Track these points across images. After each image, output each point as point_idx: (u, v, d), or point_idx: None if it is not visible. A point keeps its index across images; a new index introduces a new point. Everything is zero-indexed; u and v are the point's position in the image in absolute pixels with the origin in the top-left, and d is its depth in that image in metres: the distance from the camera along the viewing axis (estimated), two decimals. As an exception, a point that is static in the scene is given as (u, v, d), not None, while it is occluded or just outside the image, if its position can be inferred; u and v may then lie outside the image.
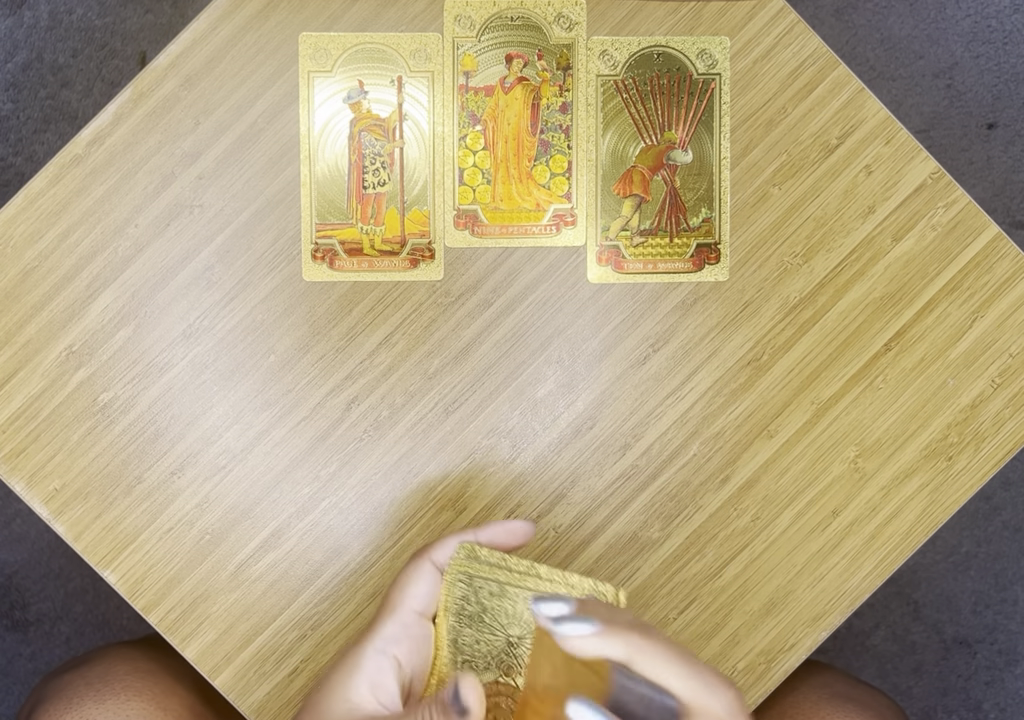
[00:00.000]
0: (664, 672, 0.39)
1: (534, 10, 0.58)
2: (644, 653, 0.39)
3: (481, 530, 0.48)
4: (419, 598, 0.47)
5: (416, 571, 0.47)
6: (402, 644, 0.46)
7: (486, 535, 0.48)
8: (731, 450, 0.59)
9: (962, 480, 0.59)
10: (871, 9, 1.16)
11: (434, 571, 0.47)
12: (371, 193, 0.58)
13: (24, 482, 0.57)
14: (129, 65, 1.13)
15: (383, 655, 0.45)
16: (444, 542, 0.48)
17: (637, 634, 0.39)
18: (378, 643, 0.46)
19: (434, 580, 0.47)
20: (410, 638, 0.46)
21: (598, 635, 0.39)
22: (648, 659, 0.39)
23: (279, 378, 0.58)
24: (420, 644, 0.46)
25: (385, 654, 0.45)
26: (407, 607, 0.46)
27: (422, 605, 0.47)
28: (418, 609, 0.47)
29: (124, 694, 0.57)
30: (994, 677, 1.19)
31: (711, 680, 0.39)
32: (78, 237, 0.57)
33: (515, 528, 0.48)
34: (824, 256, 0.59)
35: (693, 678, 0.39)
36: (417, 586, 0.47)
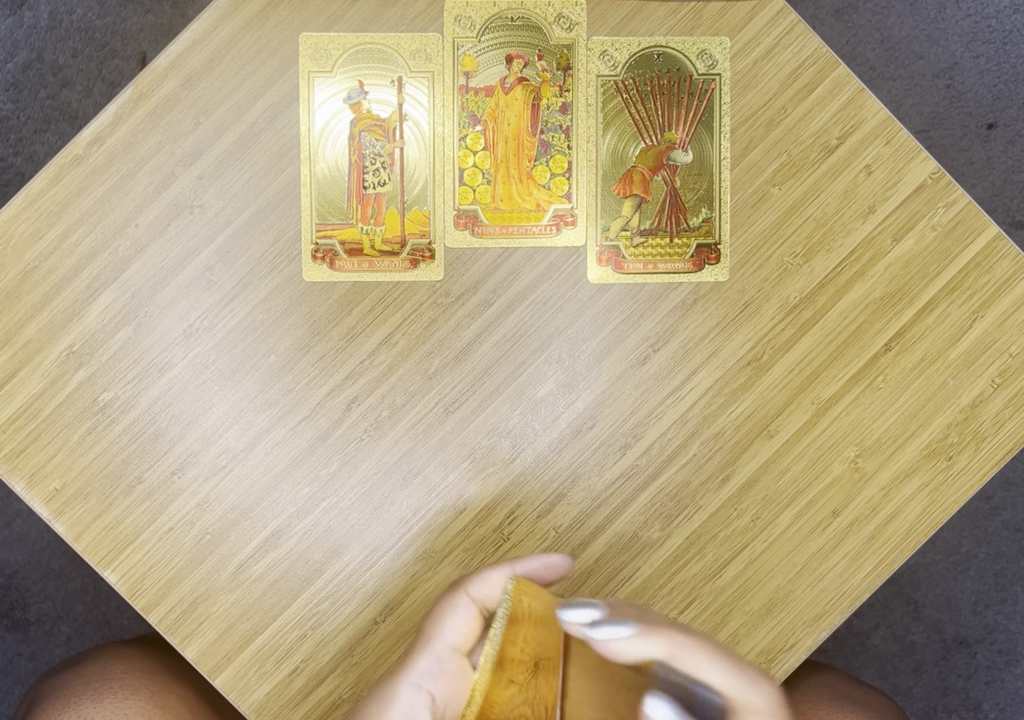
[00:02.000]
0: (708, 668, 0.38)
1: (534, 10, 0.58)
2: (687, 650, 0.38)
3: (519, 563, 0.46)
4: (455, 632, 0.45)
5: (452, 604, 0.45)
6: (437, 679, 0.45)
7: (523, 569, 0.46)
8: (731, 450, 0.59)
9: (962, 480, 0.59)
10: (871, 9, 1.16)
11: (470, 605, 0.46)
12: (371, 193, 0.58)
13: (24, 482, 0.57)
14: (129, 65, 1.13)
15: (418, 689, 0.44)
16: (482, 575, 0.46)
17: (677, 631, 0.39)
18: (412, 676, 0.45)
19: (470, 614, 0.45)
20: (445, 673, 0.45)
21: (639, 635, 0.38)
22: (691, 656, 0.38)
23: (279, 378, 0.58)
24: (455, 679, 0.45)
25: (420, 688, 0.44)
26: (443, 641, 0.45)
27: (458, 640, 0.45)
28: (453, 644, 0.45)
29: (122, 693, 0.57)
30: (994, 677, 1.19)
31: (754, 676, 0.39)
32: (78, 237, 0.57)
33: (553, 563, 0.46)
34: (824, 256, 0.59)
35: (737, 674, 0.38)
36: (454, 619, 0.45)
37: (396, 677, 0.45)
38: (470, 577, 0.46)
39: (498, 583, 0.46)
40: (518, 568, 0.46)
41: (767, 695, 0.39)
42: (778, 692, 0.39)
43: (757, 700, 0.38)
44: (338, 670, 0.58)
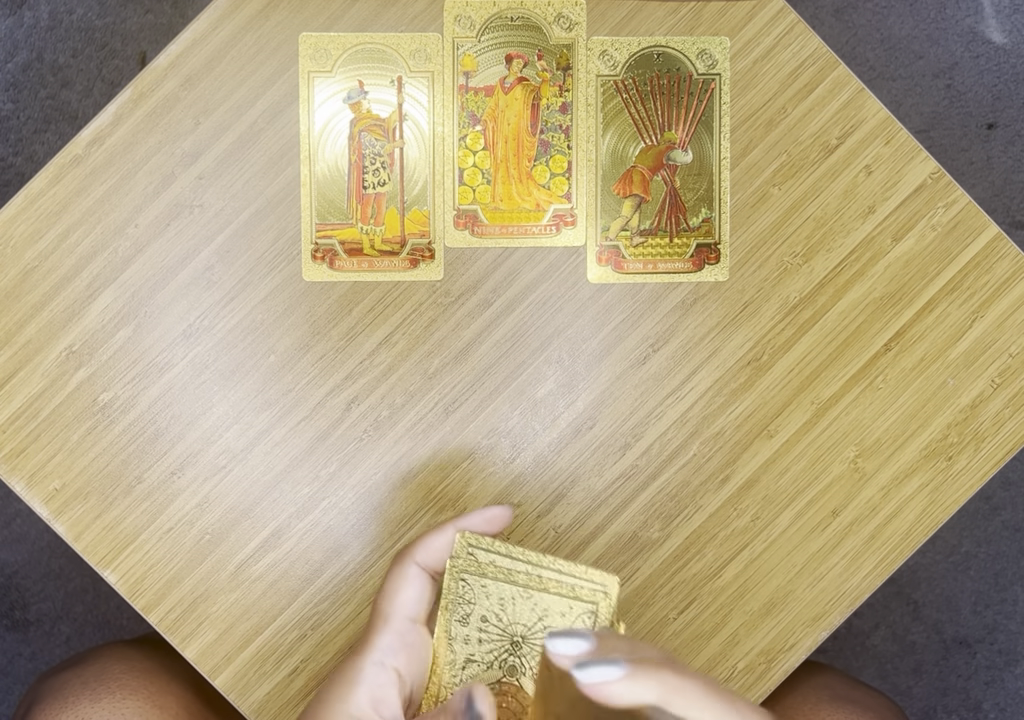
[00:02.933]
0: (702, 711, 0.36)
1: (534, 10, 0.58)
2: (679, 693, 0.36)
3: (461, 520, 0.45)
4: (410, 604, 0.45)
5: (402, 576, 0.45)
6: (400, 655, 0.44)
7: (465, 525, 0.45)
8: (731, 450, 0.59)
9: (962, 480, 0.59)
10: (871, 9, 1.16)
11: (421, 574, 0.45)
12: (371, 193, 0.58)
13: (24, 482, 0.57)
14: (129, 65, 1.13)
15: (382, 668, 0.44)
16: (425, 542, 0.45)
17: (669, 671, 0.36)
18: (375, 655, 0.44)
19: (422, 583, 0.45)
20: (407, 647, 0.44)
21: (629, 678, 0.36)
22: (684, 699, 0.36)
23: (279, 378, 0.58)
24: (418, 651, 0.45)
25: (384, 667, 0.44)
26: (400, 615, 0.45)
27: (414, 611, 0.45)
28: (411, 616, 0.45)
29: (120, 693, 0.57)
30: (994, 677, 1.19)
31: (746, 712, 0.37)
32: (78, 237, 0.57)
33: (493, 515, 0.45)
34: (824, 256, 0.59)
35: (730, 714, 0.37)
36: (406, 592, 0.45)
37: (358, 657, 0.44)
38: (414, 545, 0.45)
39: (443, 546, 0.45)
40: (460, 526, 0.45)
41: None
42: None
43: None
44: (338, 670, 0.58)
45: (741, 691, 0.59)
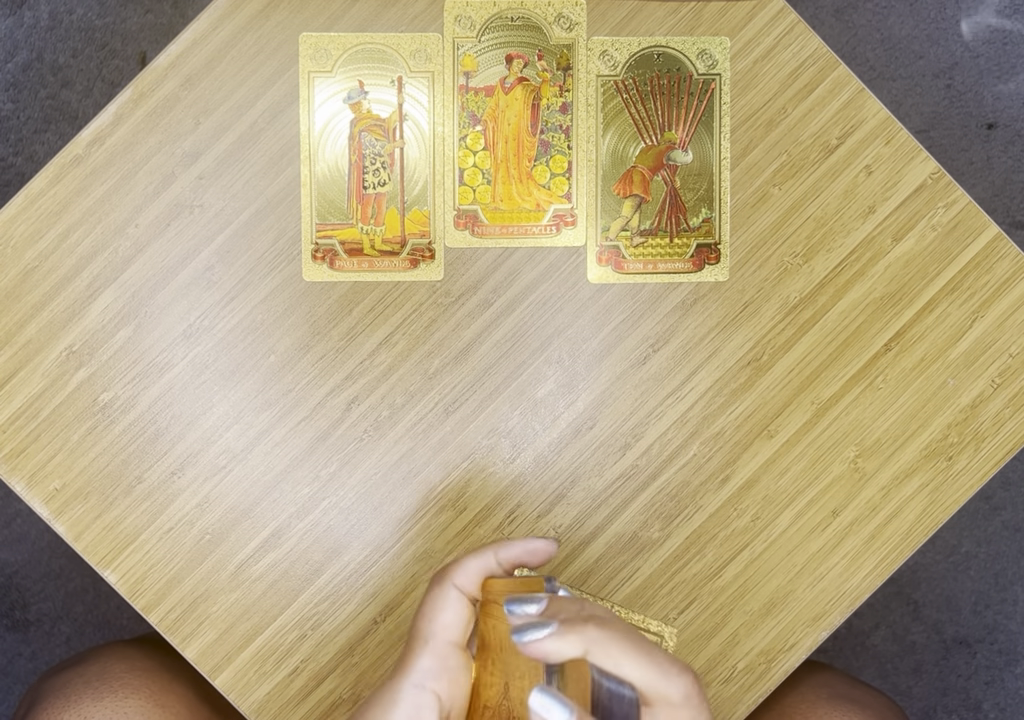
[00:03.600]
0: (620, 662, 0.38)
1: (534, 10, 0.58)
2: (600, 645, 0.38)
3: (502, 549, 0.45)
4: (451, 628, 0.45)
5: (442, 599, 0.45)
6: (440, 678, 0.44)
7: (506, 555, 0.45)
8: (731, 450, 0.59)
9: (962, 480, 0.59)
10: (871, 9, 1.16)
11: (461, 597, 0.45)
12: (371, 193, 0.58)
13: (24, 482, 0.57)
14: (129, 65, 1.13)
15: (421, 690, 0.44)
16: (464, 566, 0.45)
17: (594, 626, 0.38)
18: (415, 678, 0.44)
19: (462, 606, 0.45)
20: (447, 671, 0.44)
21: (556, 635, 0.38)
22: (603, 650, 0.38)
23: (279, 378, 0.58)
24: (457, 675, 0.44)
25: (423, 689, 0.44)
26: (440, 638, 0.44)
27: (455, 635, 0.45)
28: (451, 639, 0.45)
29: (122, 692, 0.57)
30: (994, 677, 1.19)
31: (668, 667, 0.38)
32: (78, 237, 0.57)
33: (537, 548, 0.45)
34: (824, 256, 0.59)
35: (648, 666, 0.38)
36: (445, 614, 0.45)
37: (398, 679, 0.44)
38: (453, 569, 0.45)
39: (482, 572, 0.45)
40: (501, 555, 0.45)
41: (681, 686, 0.38)
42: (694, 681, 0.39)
43: (671, 690, 0.38)
44: (338, 670, 0.58)
45: (741, 691, 0.59)
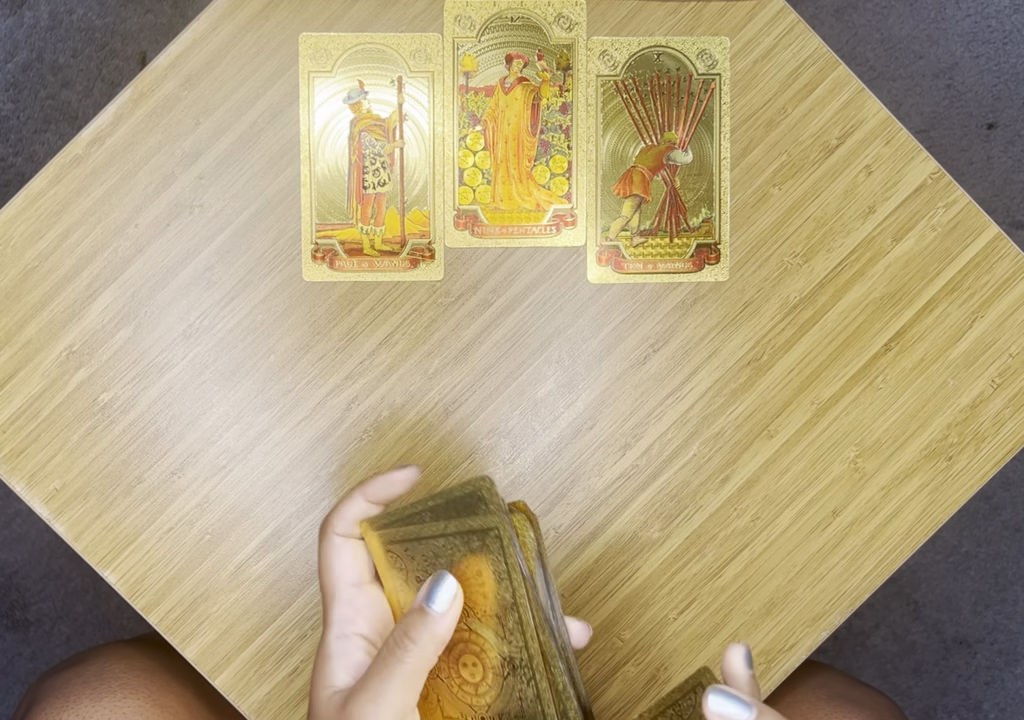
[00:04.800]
0: None
1: (534, 10, 0.58)
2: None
3: (367, 488, 0.47)
4: (348, 572, 0.48)
5: (331, 550, 0.48)
6: (356, 621, 0.47)
7: (372, 492, 0.48)
8: (731, 450, 0.59)
9: (962, 480, 0.59)
10: (871, 9, 1.16)
11: (346, 542, 0.48)
12: (371, 193, 0.58)
13: (24, 482, 0.57)
14: (129, 65, 1.13)
15: (344, 638, 0.47)
16: (340, 513, 0.48)
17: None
18: (335, 630, 0.47)
19: (351, 549, 0.48)
20: (360, 611, 0.47)
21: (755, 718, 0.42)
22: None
23: (279, 378, 0.58)
24: (374, 610, 0.48)
25: (346, 636, 0.47)
26: (342, 585, 0.47)
27: (354, 577, 0.48)
28: (352, 582, 0.48)
29: (121, 692, 0.57)
30: (994, 677, 1.19)
31: None
32: (78, 237, 0.57)
33: (395, 479, 0.47)
34: (824, 256, 0.59)
35: None
36: (339, 563, 0.48)
37: (324, 636, 0.47)
38: (331, 519, 0.48)
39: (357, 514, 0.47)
40: (368, 493, 0.47)
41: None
42: None
43: None
44: (338, 670, 0.58)
45: (741, 691, 0.59)
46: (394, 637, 0.44)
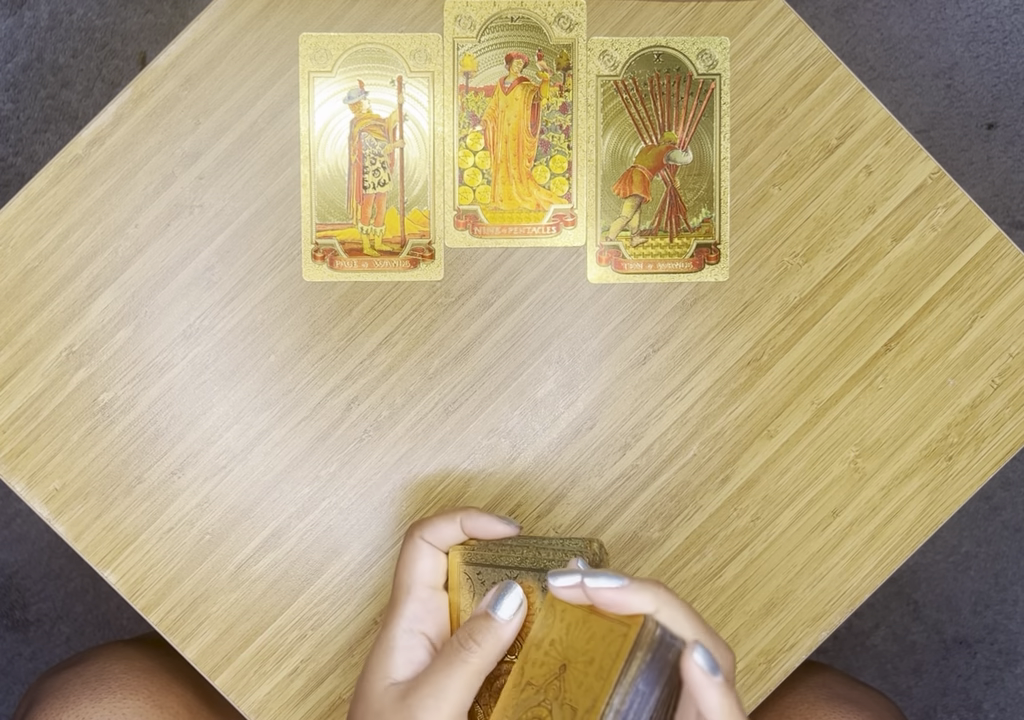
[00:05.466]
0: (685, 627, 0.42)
1: (534, 10, 0.58)
2: (670, 606, 0.42)
3: (469, 519, 0.50)
4: (427, 574, 0.50)
5: (416, 551, 0.50)
6: (426, 620, 0.49)
7: (471, 526, 0.50)
8: (731, 450, 0.59)
9: (962, 480, 0.59)
10: (871, 9, 1.16)
11: (431, 548, 0.50)
12: (371, 193, 0.58)
13: (24, 482, 0.57)
14: (129, 65, 1.13)
15: (411, 634, 0.49)
16: (434, 525, 0.50)
17: (663, 588, 0.42)
18: (404, 624, 0.49)
19: (433, 554, 0.50)
20: (431, 612, 0.50)
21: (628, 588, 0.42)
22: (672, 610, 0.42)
23: (279, 378, 0.58)
24: (442, 615, 0.50)
25: (413, 632, 0.49)
26: (419, 584, 0.50)
27: (432, 580, 0.50)
28: (429, 584, 0.50)
29: (120, 692, 0.57)
30: (994, 677, 1.19)
31: (719, 640, 0.43)
32: (78, 237, 0.57)
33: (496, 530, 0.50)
34: (824, 256, 0.59)
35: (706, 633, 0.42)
36: (422, 564, 0.50)
37: (390, 628, 0.49)
38: (424, 526, 0.50)
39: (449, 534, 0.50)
40: (467, 524, 0.50)
41: (728, 659, 0.43)
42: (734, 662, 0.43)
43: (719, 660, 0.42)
44: (338, 670, 0.58)
45: (740, 691, 0.59)
46: (459, 639, 0.46)
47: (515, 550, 0.49)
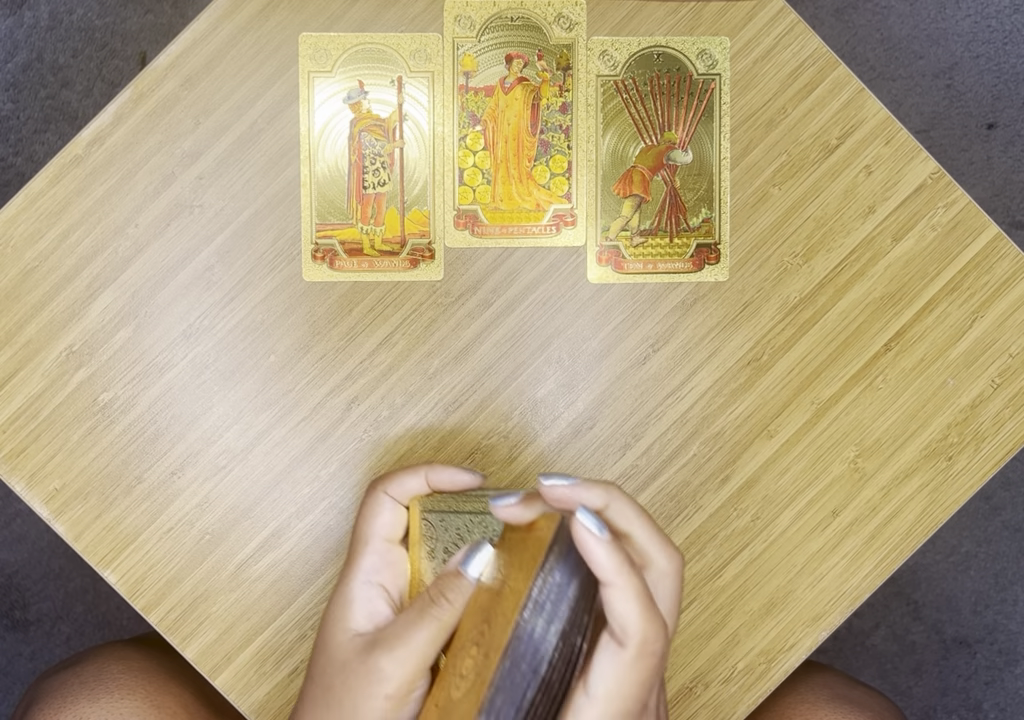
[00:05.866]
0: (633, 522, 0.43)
1: (534, 10, 0.58)
2: (619, 501, 0.43)
3: (433, 472, 0.50)
4: (386, 527, 0.50)
5: (378, 505, 0.50)
6: (383, 572, 0.50)
7: (436, 479, 0.50)
8: (731, 450, 0.59)
9: (962, 480, 0.59)
10: (871, 9, 1.16)
11: (392, 502, 0.50)
12: (371, 193, 0.58)
13: (24, 482, 0.57)
14: (129, 65, 1.13)
15: (369, 585, 0.49)
16: (398, 479, 0.50)
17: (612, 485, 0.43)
18: (361, 576, 0.49)
19: (394, 508, 0.50)
20: (389, 565, 0.50)
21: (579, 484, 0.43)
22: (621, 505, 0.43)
23: (279, 378, 0.58)
24: (399, 567, 0.50)
25: (371, 584, 0.49)
26: (378, 537, 0.50)
27: (390, 533, 0.50)
28: (387, 537, 0.50)
29: (118, 693, 0.57)
30: (994, 677, 1.19)
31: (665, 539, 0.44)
32: (78, 237, 0.57)
33: (462, 480, 0.50)
34: (824, 256, 0.59)
35: (655, 533, 0.43)
36: (382, 517, 0.50)
37: (348, 580, 0.50)
38: (387, 480, 0.51)
39: (412, 487, 0.50)
40: (431, 477, 0.50)
41: (675, 559, 0.43)
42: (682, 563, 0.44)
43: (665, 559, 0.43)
44: (338, 670, 0.58)
45: (741, 691, 0.59)
46: (430, 595, 0.46)
47: (479, 499, 0.49)
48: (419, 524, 0.51)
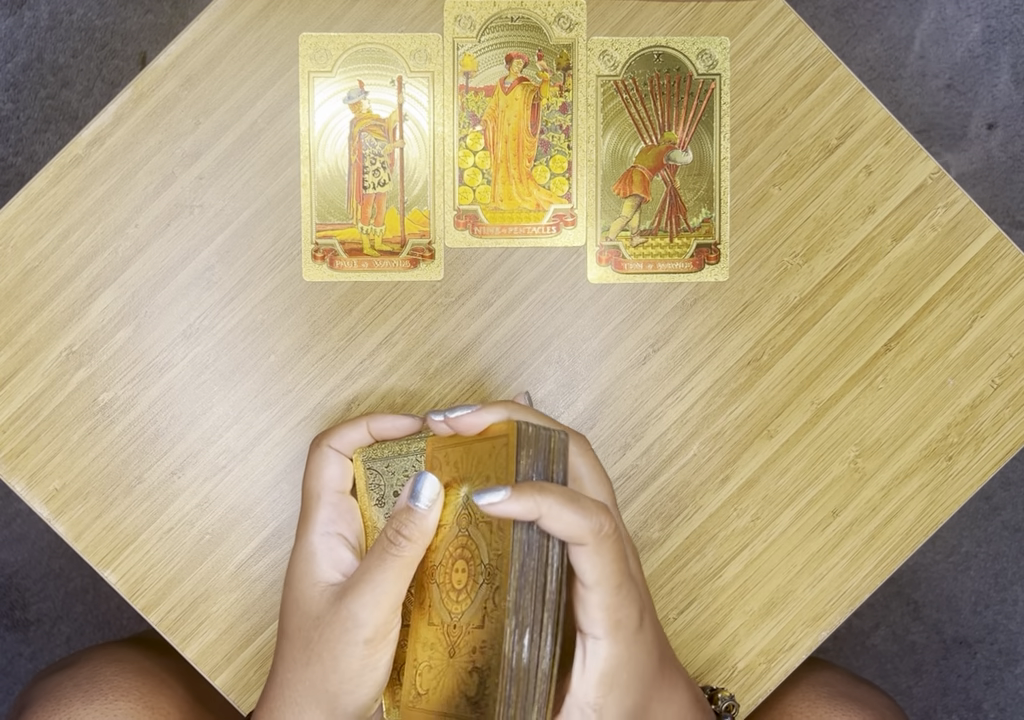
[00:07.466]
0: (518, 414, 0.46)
1: (534, 10, 0.58)
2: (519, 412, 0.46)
3: (374, 421, 0.52)
4: (336, 479, 0.51)
5: (324, 459, 0.51)
6: (339, 522, 0.51)
7: (377, 427, 0.52)
8: (731, 450, 0.59)
9: (962, 480, 0.59)
10: (871, 9, 1.16)
11: (337, 455, 0.52)
12: (371, 193, 0.58)
13: (24, 482, 0.57)
14: (129, 65, 1.13)
15: (329, 536, 0.50)
16: (340, 432, 0.52)
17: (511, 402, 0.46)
18: (319, 528, 0.50)
19: (340, 461, 0.52)
20: (342, 514, 0.51)
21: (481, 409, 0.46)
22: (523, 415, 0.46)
23: (279, 378, 0.58)
24: (353, 515, 0.52)
25: (330, 535, 0.50)
26: (328, 489, 0.51)
27: (340, 484, 0.52)
28: (338, 488, 0.52)
29: (112, 694, 0.57)
30: (994, 677, 1.19)
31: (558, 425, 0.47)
32: (78, 237, 0.57)
33: (403, 426, 0.52)
34: (824, 256, 0.59)
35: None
36: (329, 469, 0.51)
37: (306, 535, 0.50)
38: (330, 434, 0.52)
39: (355, 439, 0.52)
40: (373, 426, 0.52)
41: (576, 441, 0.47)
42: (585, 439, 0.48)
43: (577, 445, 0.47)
44: (338, 670, 0.58)
45: (741, 691, 0.59)
46: (387, 535, 0.46)
47: (421, 440, 0.51)
48: (364, 475, 0.52)
